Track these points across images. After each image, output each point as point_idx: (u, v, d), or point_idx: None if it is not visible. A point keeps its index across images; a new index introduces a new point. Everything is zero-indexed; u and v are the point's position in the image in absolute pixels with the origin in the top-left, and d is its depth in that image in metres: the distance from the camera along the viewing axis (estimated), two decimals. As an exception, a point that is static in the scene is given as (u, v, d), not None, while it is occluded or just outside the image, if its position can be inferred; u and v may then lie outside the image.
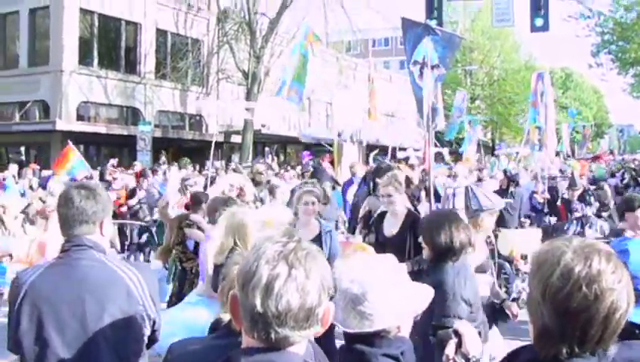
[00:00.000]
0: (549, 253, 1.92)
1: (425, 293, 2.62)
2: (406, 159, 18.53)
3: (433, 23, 10.17)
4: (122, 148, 31.35)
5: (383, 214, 7.15)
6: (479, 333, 2.70)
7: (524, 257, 10.49)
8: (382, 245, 6.69)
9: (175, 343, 2.82)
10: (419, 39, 9.53)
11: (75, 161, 13.58)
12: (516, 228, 12.38)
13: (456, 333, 2.66)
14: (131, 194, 14.87)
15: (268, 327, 1.75)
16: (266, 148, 37.17)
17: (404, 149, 23.41)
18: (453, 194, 12.91)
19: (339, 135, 17.44)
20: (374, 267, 2.47)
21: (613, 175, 23.98)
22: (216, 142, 13.85)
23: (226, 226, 5.04)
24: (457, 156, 30.51)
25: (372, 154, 18.60)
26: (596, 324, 1.82)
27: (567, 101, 71.33)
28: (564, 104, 68.87)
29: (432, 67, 9.26)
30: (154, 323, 3.34)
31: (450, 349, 2.63)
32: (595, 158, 32.37)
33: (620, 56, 46.00)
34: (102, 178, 16.02)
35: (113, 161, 21.57)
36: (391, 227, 6.90)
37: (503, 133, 47.77)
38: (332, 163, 18.81)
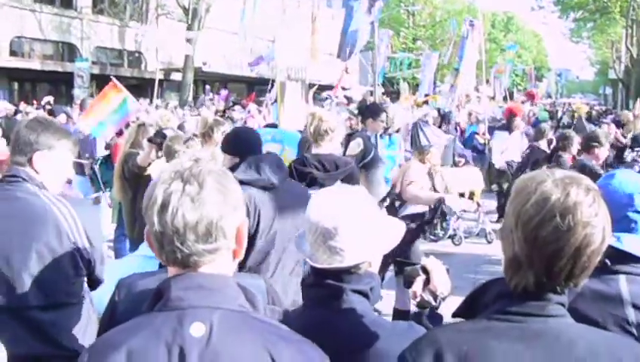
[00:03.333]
0: (530, 180, 1.86)
1: (397, 228, 2.56)
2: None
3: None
4: (59, 85, 30.53)
5: None
6: (447, 270, 2.66)
7: (461, 195, 10.65)
8: None
9: (124, 278, 2.74)
10: None
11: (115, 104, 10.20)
12: (451, 166, 12.55)
13: (424, 270, 2.58)
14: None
15: (171, 245, 1.76)
16: (207, 86, 36.66)
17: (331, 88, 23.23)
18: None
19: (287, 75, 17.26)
20: (347, 200, 2.38)
21: (551, 118, 24.36)
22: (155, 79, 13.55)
23: None
24: (393, 95, 30.42)
25: (311, 91, 18.48)
26: (565, 257, 1.76)
27: (508, 44, 72.01)
28: (504, 47, 69.58)
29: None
30: (89, 262, 3.19)
31: (417, 286, 2.55)
32: (530, 97, 32.21)
33: (562, -1, 46.61)
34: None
35: (49, 99, 20.94)
36: None
37: (443, 75, 48.08)
38: (258, 102, 18.59)
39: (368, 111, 8.68)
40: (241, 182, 4.19)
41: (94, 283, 3.29)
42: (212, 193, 1.78)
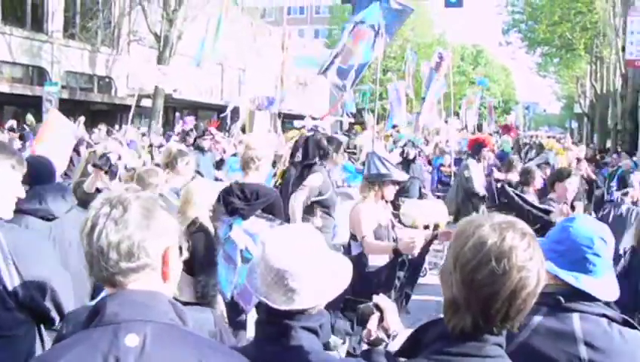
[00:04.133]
0: (468, 224, 1.93)
1: (347, 268, 2.61)
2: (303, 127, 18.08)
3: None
4: (27, 109, 30.26)
5: None
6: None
7: (426, 228, 10.71)
8: None
9: (71, 312, 2.76)
10: (370, 2, 9.44)
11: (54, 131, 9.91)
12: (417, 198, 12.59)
13: (377, 307, 2.65)
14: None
15: (98, 264, 1.91)
16: (177, 114, 36.57)
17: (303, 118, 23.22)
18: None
19: (253, 102, 17.25)
20: (303, 242, 2.45)
21: (519, 150, 24.54)
22: (125, 105, 13.49)
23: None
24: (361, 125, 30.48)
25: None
26: (501, 299, 1.83)
27: (478, 77, 72.86)
28: (473, 79, 70.42)
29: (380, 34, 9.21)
30: (15, 295, 3.02)
31: (373, 324, 2.62)
32: (507, 130, 32.67)
33: (529, 35, 47.45)
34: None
35: (12, 123, 20.66)
36: None
37: (412, 107, 48.37)
38: (219, 128, 18.49)
39: (331, 145, 8.37)
40: (22, 212, 4.28)
41: (42, 319, 3.18)
42: (135, 216, 1.92)
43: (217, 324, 2.60)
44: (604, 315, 2.65)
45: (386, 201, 6.54)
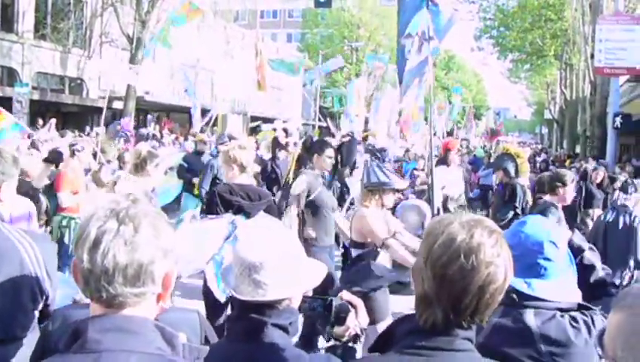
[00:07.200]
0: (439, 222, 1.99)
1: (319, 270, 2.69)
2: (273, 130, 17.85)
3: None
4: (-3, 110, 29.93)
5: None
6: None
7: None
8: None
9: (58, 310, 2.78)
10: (416, 9, 9.35)
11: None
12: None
13: (350, 304, 2.69)
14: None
15: (98, 285, 1.75)
16: (149, 116, 36.36)
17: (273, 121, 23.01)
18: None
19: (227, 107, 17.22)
20: (274, 238, 2.52)
21: (489, 155, 24.71)
22: (97, 107, 13.41)
23: None
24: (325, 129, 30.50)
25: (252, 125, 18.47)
26: (470, 294, 1.88)
27: (450, 82, 73.42)
28: (446, 85, 70.96)
29: (428, 39, 9.18)
30: (46, 297, 3.12)
31: (351, 320, 2.65)
32: (494, 135, 33.39)
33: (501, 41, 47.97)
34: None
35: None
36: None
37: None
38: (171, 130, 18.38)
39: (313, 146, 8.21)
40: None
41: (45, 316, 3.19)
42: (146, 236, 1.77)
43: (202, 325, 2.63)
44: (557, 308, 2.74)
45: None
